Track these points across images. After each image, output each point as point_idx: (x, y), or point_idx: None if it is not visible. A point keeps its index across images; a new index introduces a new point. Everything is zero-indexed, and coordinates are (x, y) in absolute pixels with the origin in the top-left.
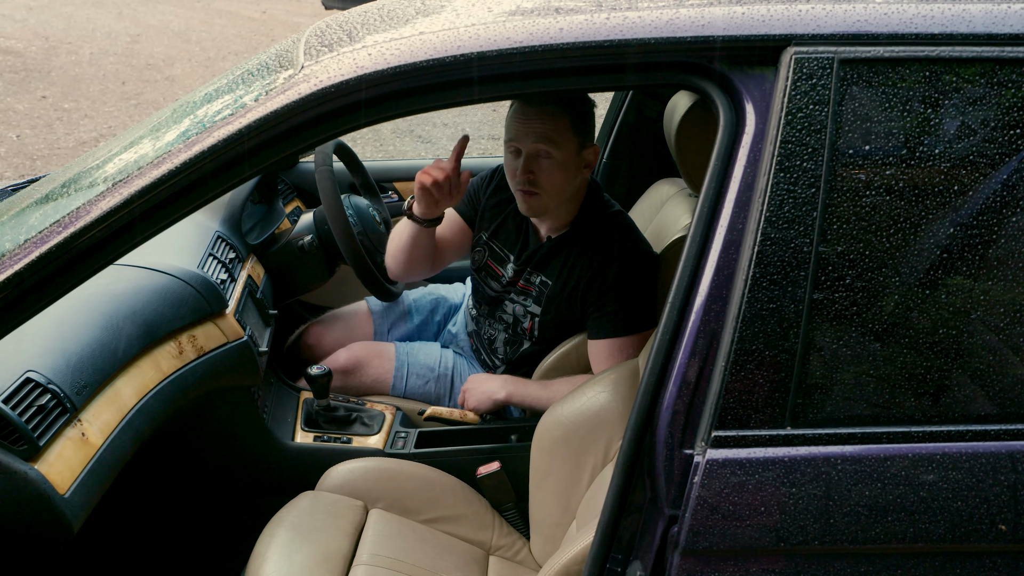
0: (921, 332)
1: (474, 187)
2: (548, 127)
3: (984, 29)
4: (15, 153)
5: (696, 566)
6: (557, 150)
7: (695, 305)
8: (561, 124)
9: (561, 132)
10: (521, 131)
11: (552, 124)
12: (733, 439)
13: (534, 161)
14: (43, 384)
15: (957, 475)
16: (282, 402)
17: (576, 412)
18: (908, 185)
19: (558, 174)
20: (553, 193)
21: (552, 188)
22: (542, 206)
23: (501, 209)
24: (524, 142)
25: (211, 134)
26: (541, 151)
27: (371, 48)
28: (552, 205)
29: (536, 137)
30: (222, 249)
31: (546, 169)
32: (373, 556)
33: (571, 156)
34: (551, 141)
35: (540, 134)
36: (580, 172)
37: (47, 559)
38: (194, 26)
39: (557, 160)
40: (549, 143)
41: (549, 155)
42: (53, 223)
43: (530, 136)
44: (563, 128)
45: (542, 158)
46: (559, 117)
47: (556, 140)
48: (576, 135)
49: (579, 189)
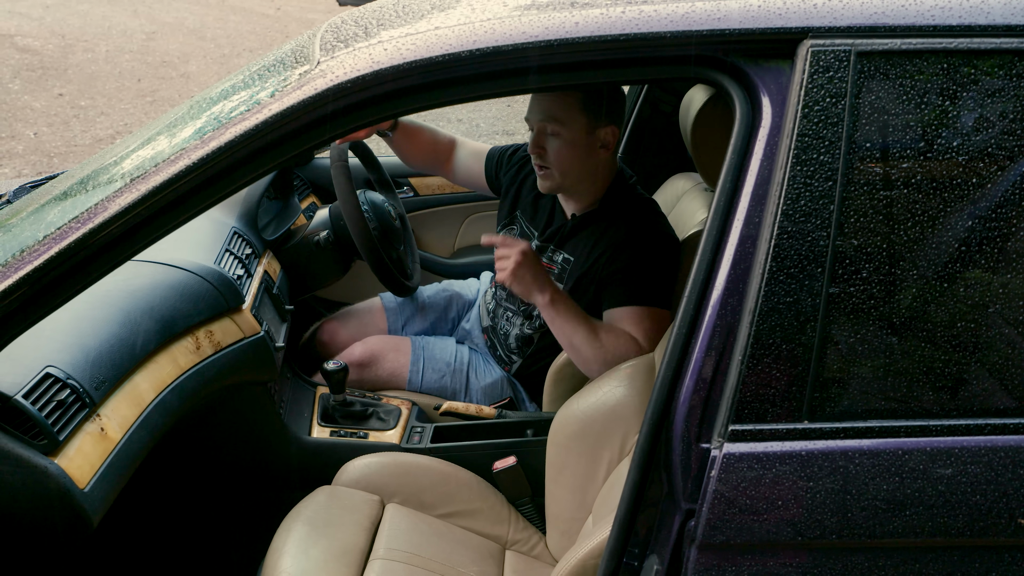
0: (939, 325)
1: (495, 153)
2: (555, 105)
3: (1003, 20)
4: (33, 151)
5: (713, 560)
6: (564, 128)
7: (712, 299)
8: (569, 102)
9: (568, 110)
10: (533, 107)
11: (559, 102)
12: (750, 433)
13: (543, 137)
14: (62, 379)
15: (975, 469)
16: (298, 397)
17: (592, 407)
18: (925, 178)
19: (566, 151)
20: (564, 171)
21: (561, 165)
22: (555, 183)
23: (534, 186)
24: (534, 117)
25: (227, 130)
26: (548, 128)
27: (387, 43)
28: (566, 183)
29: (543, 115)
30: (239, 245)
31: (555, 147)
32: (389, 550)
33: (579, 135)
34: (556, 120)
35: (547, 112)
36: (595, 152)
37: (66, 553)
38: (209, 23)
39: (565, 139)
40: (555, 121)
41: (557, 133)
42: (71, 219)
43: (538, 113)
44: (571, 106)
45: (550, 135)
46: (568, 95)
47: (562, 119)
48: (586, 114)
49: (599, 169)
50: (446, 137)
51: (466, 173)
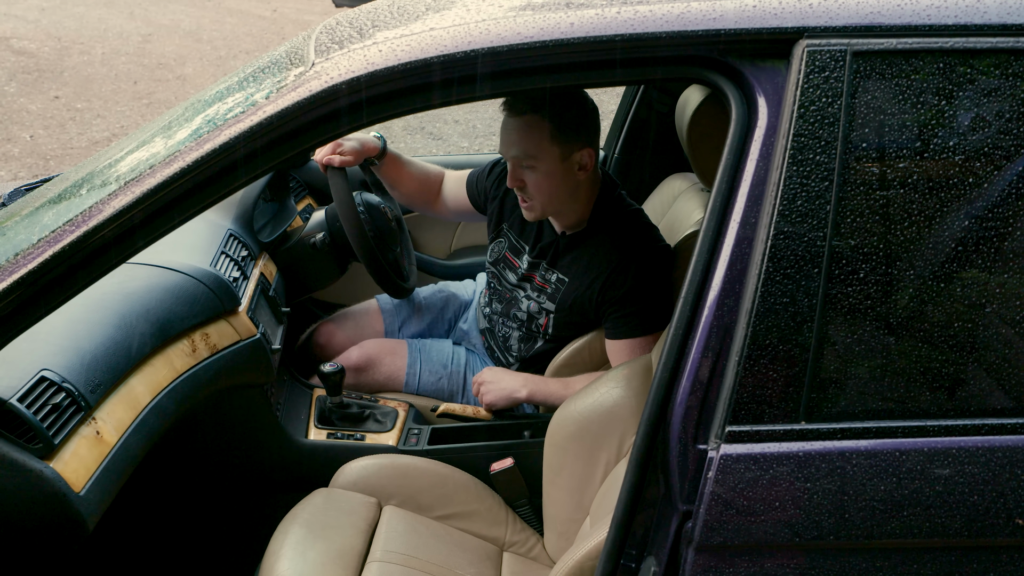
0: (936, 326)
1: (472, 176)
2: (525, 140)
3: (999, 20)
4: (28, 153)
5: (710, 561)
6: (537, 162)
7: (708, 300)
8: (538, 135)
9: (538, 144)
10: (504, 141)
11: (528, 136)
12: (747, 434)
13: (519, 171)
14: (57, 383)
15: (973, 469)
16: (295, 399)
17: (589, 408)
18: (922, 178)
19: (544, 182)
20: (546, 200)
21: (542, 195)
22: (540, 211)
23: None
24: (507, 153)
25: (222, 132)
26: (523, 163)
27: (382, 44)
28: (550, 209)
29: (515, 150)
30: (234, 247)
31: (532, 179)
32: (387, 553)
33: (555, 165)
34: (528, 155)
35: (518, 147)
36: (572, 175)
37: (62, 557)
38: (205, 25)
39: (541, 171)
40: (527, 157)
41: (532, 167)
42: (66, 222)
43: (510, 148)
44: (540, 139)
45: (525, 168)
46: (536, 127)
47: (533, 153)
48: (557, 144)
49: (582, 189)
50: (435, 169)
51: (454, 201)
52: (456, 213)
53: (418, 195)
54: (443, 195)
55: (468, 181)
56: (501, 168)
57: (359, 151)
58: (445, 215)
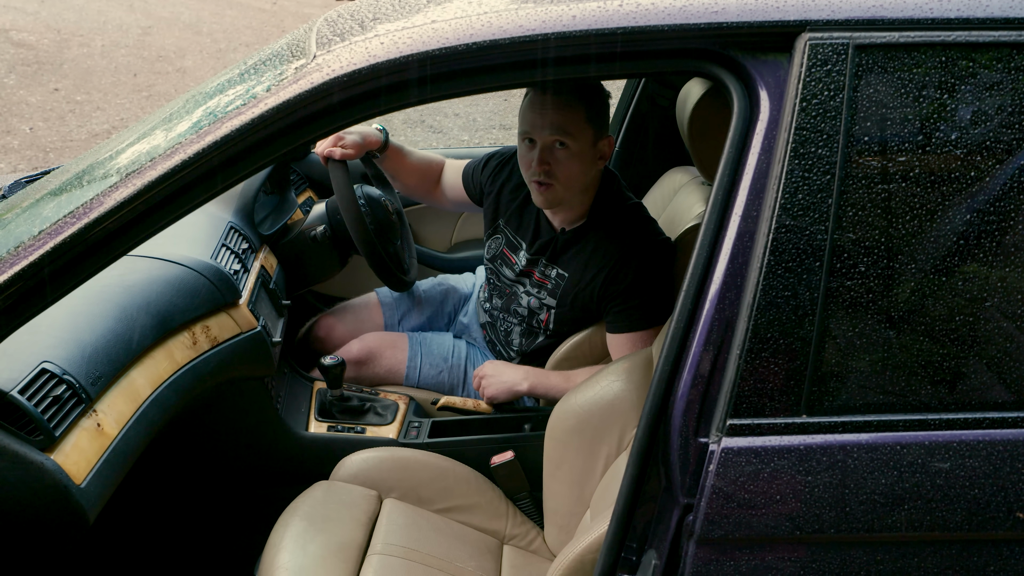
0: (937, 319)
1: (469, 168)
2: (564, 118)
3: (1001, 13)
4: (28, 145)
5: (711, 555)
6: (573, 141)
7: (709, 293)
8: (577, 115)
9: (576, 123)
10: (537, 122)
11: (568, 115)
12: (748, 427)
13: (549, 152)
14: (58, 375)
15: (973, 463)
16: (296, 392)
17: (590, 401)
18: (924, 172)
19: (574, 165)
20: (568, 184)
21: (567, 180)
22: (557, 198)
23: (516, 195)
24: (539, 133)
25: (223, 124)
26: (557, 142)
27: (383, 37)
28: (567, 196)
29: (552, 128)
30: (235, 240)
31: (562, 160)
32: (387, 546)
33: (587, 147)
34: (566, 132)
35: (556, 125)
36: (595, 163)
37: (63, 549)
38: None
39: (573, 151)
40: (565, 134)
41: (565, 146)
42: (67, 214)
43: (546, 127)
44: (578, 119)
45: (557, 149)
46: (575, 108)
47: (571, 131)
48: (591, 126)
49: (593, 181)
50: (436, 158)
51: (452, 192)
52: (455, 203)
53: (420, 186)
54: (442, 185)
55: (464, 172)
56: (496, 163)
57: (360, 144)
58: (446, 205)
